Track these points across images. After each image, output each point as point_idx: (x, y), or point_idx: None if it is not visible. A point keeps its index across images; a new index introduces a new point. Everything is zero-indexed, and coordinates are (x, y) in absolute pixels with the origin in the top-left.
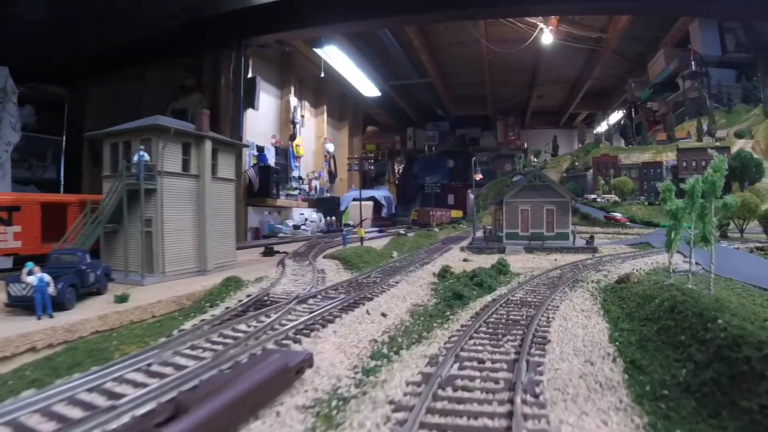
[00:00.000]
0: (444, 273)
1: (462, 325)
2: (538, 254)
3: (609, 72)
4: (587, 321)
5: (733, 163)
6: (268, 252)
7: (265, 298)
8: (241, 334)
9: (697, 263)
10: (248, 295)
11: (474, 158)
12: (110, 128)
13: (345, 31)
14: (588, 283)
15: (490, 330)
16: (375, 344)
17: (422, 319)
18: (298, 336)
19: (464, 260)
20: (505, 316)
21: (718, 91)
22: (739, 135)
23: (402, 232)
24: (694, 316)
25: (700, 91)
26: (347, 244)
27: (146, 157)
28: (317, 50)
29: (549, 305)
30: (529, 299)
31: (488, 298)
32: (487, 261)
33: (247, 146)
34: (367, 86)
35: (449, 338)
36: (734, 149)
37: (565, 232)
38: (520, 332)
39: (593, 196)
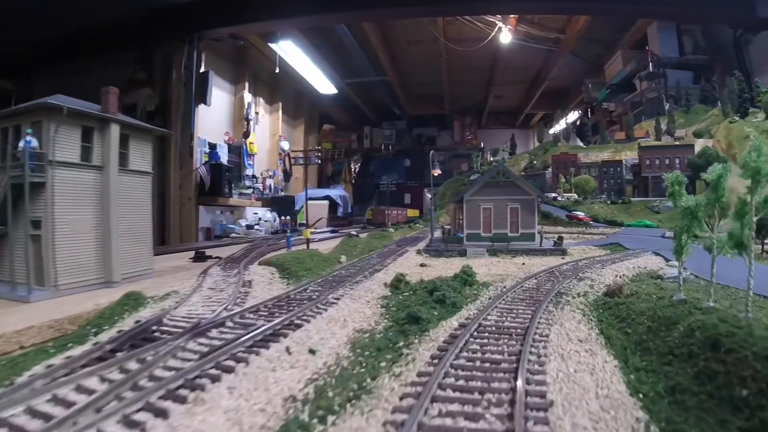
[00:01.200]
0: (398, 283)
1: (420, 373)
2: (502, 257)
3: (566, 73)
4: (592, 359)
5: (699, 161)
6: (199, 257)
7: (154, 327)
8: (81, 398)
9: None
10: (137, 321)
11: (432, 152)
12: None
13: (301, 25)
14: (574, 298)
15: (461, 382)
16: (292, 406)
17: (366, 354)
18: (166, 403)
19: (421, 265)
20: (479, 355)
21: (677, 92)
22: (697, 134)
23: (354, 233)
24: (757, 359)
25: (659, 92)
26: (291, 247)
27: (33, 143)
28: (272, 45)
29: (535, 333)
30: (507, 324)
31: (453, 322)
32: (446, 266)
33: (167, 133)
34: (323, 83)
35: (401, 396)
36: (696, 148)
37: (531, 232)
38: (506, 386)
39: (554, 195)
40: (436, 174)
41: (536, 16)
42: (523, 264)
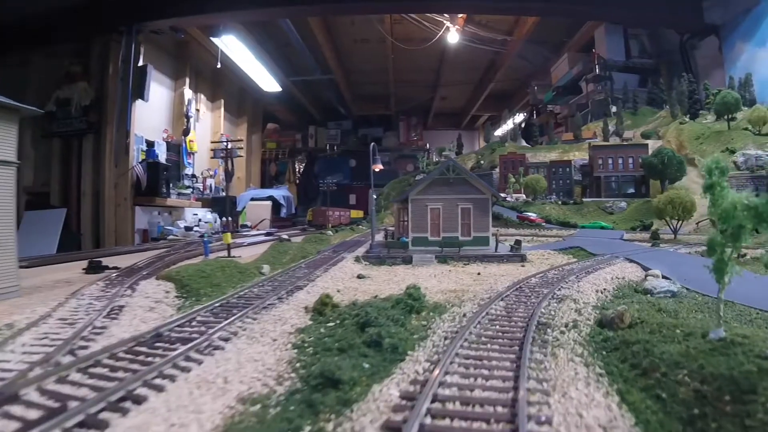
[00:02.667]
0: (322, 308)
1: None
2: (454, 265)
3: (512, 75)
4: None
5: (654, 161)
6: (93, 267)
7: None
8: None
9: (665, 277)
10: None
11: (372, 144)
12: None
13: (244, 19)
14: (563, 332)
15: None
16: None
17: None
18: None
19: (358, 277)
20: None
21: (624, 94)
22: (645, 136)
23: (285, 236)
24: None
25: (606, 94)
26: (209, 254)
27: None
28: (215, 39)
29: (528, 416)
30: (478, 395)
31: (392, 388)
32: (389, 277)
33: (35, 111)
34: (267, 81)
35: None
36: (651, 147)
37: (485, 236)
38: None
39: (503, 195)
40: (377, 170)
41: (484, 18)
42: (479, 274)
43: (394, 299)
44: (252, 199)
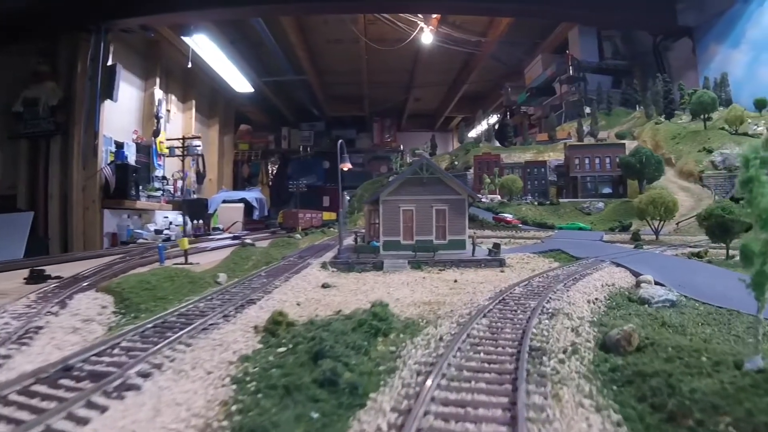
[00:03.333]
0: (274, 328)
1: None
2: (428, 271)
3: (485, 76)
4: None
5: (632, 160)
6: (34, 277)
7: None
8: None
9: (658, 283)
10: None
11: (340, 142)
12: None
13: (215, 18)
14: (562, 361)
15: None
16: None
17: None
18: None
19: (323, 286)
20: None
21: (598, 95)
22: (620, 136)
23: (248, 241)
24: None
25: (581, 95)
26: (164, 261)
27: None
28: (185, 38)
29: None
30: None
31: None
32: (357, 286)
33: None
34: (239, 81)
35: None
36: (629, 147)
37: (461, 239)
38: None
39: (478, 196)
40: (345, 169)
41: (458, 19)
42: (456, 281)
43: (356, 320)
44: (224, 202)
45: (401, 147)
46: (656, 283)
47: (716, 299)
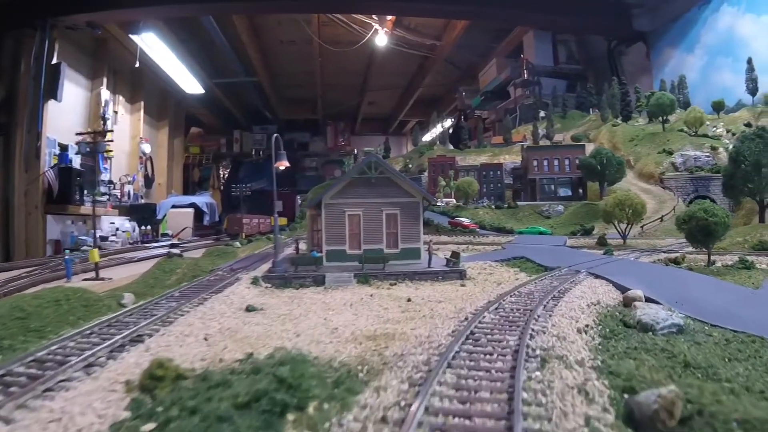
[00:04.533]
0: (152, 385)
1: None
2: (377, 286)
3: (440, 80)
4: None
5: (593, 162)
6: None
7: None
8: None
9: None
10: None
11: (275, 136)
12: None
13: (164, 15)
14: None
15: None
16: None
17: None
18: None
19: (247, 309)
20: None
21: (553, 99)
22: (576, 139)
23: (175, 251)
24: None
25: (535, 98)
26: (72, 276)
27: None
28: (134, 37)
29: None
30: None
31: None
32: (288, 309)
33: None
34: (189, 82)
35: None
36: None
37: (415, 247)
38: None
39: (434, 199)
40: (281, 168)
41: (413, 21)
42: (409, 300)
43: (253, 391)
44: (173, 207)
45: (355, 150)
46: (648, 300)
47: (725, 319)
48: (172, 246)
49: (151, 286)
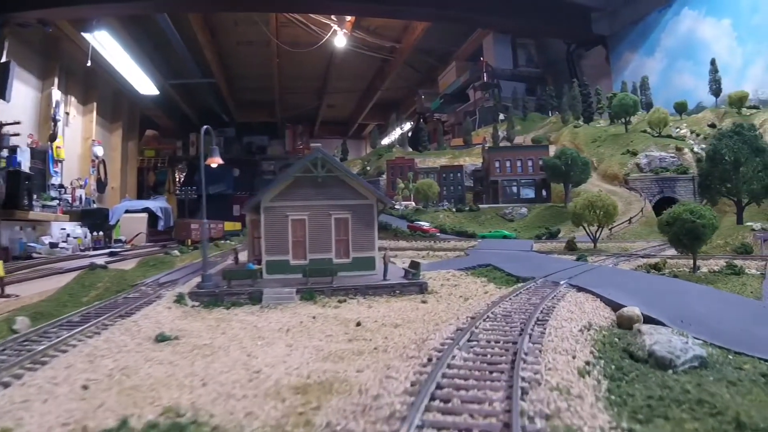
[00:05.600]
0: None
1: None
2: (323, 304)
3: (400, 83)
4: None
5: (557, 162)
6: None
7: None
8: None
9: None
10: None
11: (206, 127)
12: None
13: (118, 12)
14: None
15: None
16: None
17: None
18: None
19: (158, 339)
20: None
21: (513, 101)
22: (536, 140)
23: (100, 262)
24: None
25: (495, 100)
26: None
27: None
28: (87, 35)
29: None
30: None
31: None
32: (210, 337)
33: None
34: (144, 83)
35: None
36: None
37: (369, 256)
38: None
39: (391, 201)
40: (214, 165)
41: (373, 24)
42: (359, 325)
43: None
44: (127, 212)
45: None
46: (646, 319)
47: (747, 343)
48: (112, 254)
49: (64, 304)
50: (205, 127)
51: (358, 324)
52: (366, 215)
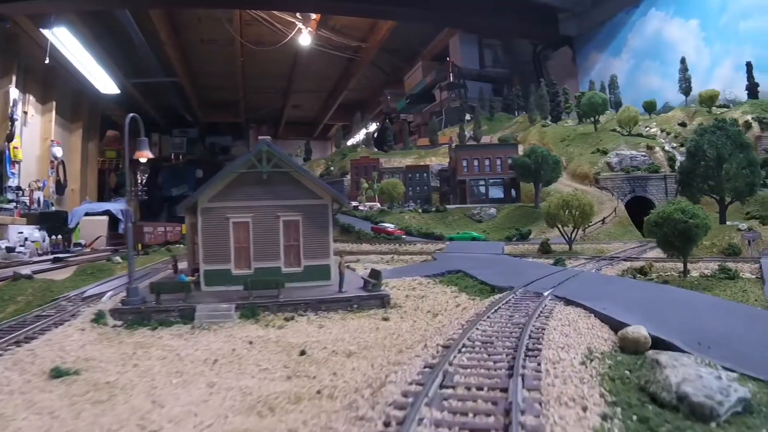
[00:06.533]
0: None
1: None
2: (267, 322)
3: (365, 84)
4: None
5: (527, 161)
6: None
7: None
8: None
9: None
10: None
11: (131, 115)
12: None
13: (78, 8)
14: None
15: None
16: None
17: None
18: None
19: (53, 374)
20: None
21: (480, 101)
22: (504, 140)
23: (26, 272)
24: None
25: (461, 101)
26: None
27: None
28: (45, 32)
29: None
30: None
31: None
32: (116, 374)
33: None
34: (105, 82)
35: None
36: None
37: (323, 264)
38: None
39: (354, 204)
40: (143, 160)
41: (339, 23)
42: (303, 354)
43: None
44: (87, 214)
45: None
46: (657, 341)
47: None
48: (56, 260)
49: None
50: (131, 115)
51: (303, 353)
52: (319, 217)
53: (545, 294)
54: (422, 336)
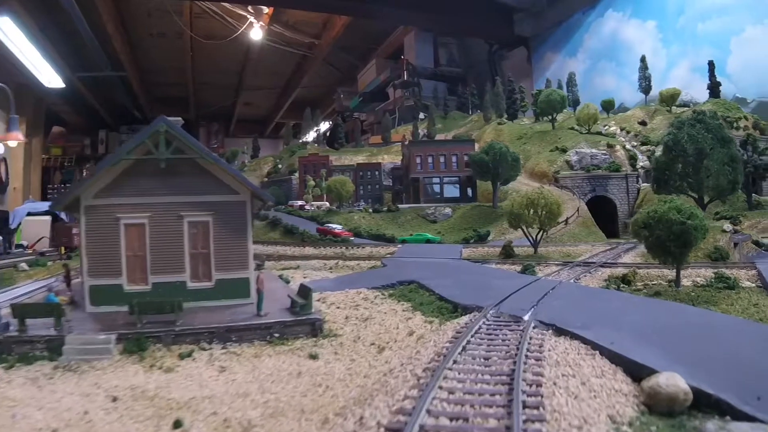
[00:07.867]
0: None
1: None
2: (155, 360)
3: (318, 81)
4: None
5: (485, 158)
6: None
7: None
8: None
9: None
10: None
11: (2, 86)
12: None
13: None
14: None
15: None
16: None
17: None
18: None
19: None
20: None
21: (435, 99)
22: (458, 138)
23: None
24: None
25: (415, 99)
26: None
27: None
28: None
29: None
30: None
31: None
32: None
33: None
34: (50, 75)
35: None
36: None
37: (240, 277)
38: None
39: (300, 203)
40: (14, 143)
41: (292, 18)
42: (178, 427)
43: None
44: (29, 214)
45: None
46: (699, 395)
47: None
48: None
49: None
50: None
51: (177, 425)
52: (236, 217)
53: (525, 318)
54: (360, 392)
